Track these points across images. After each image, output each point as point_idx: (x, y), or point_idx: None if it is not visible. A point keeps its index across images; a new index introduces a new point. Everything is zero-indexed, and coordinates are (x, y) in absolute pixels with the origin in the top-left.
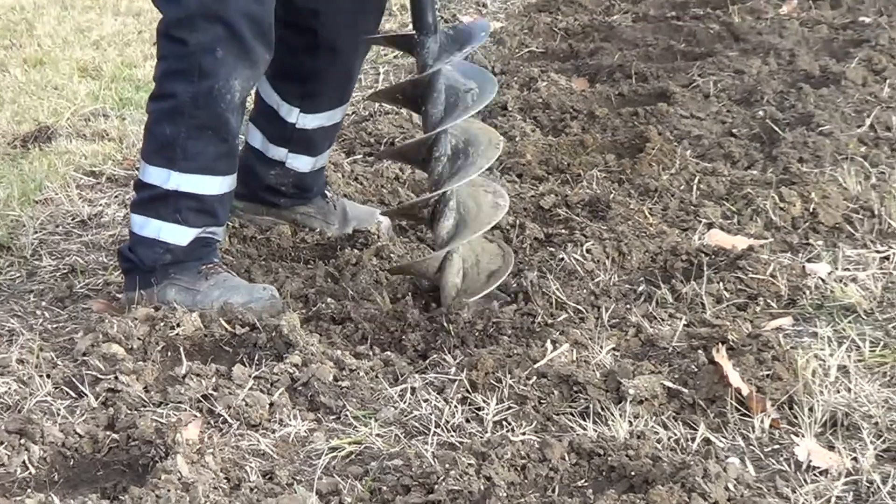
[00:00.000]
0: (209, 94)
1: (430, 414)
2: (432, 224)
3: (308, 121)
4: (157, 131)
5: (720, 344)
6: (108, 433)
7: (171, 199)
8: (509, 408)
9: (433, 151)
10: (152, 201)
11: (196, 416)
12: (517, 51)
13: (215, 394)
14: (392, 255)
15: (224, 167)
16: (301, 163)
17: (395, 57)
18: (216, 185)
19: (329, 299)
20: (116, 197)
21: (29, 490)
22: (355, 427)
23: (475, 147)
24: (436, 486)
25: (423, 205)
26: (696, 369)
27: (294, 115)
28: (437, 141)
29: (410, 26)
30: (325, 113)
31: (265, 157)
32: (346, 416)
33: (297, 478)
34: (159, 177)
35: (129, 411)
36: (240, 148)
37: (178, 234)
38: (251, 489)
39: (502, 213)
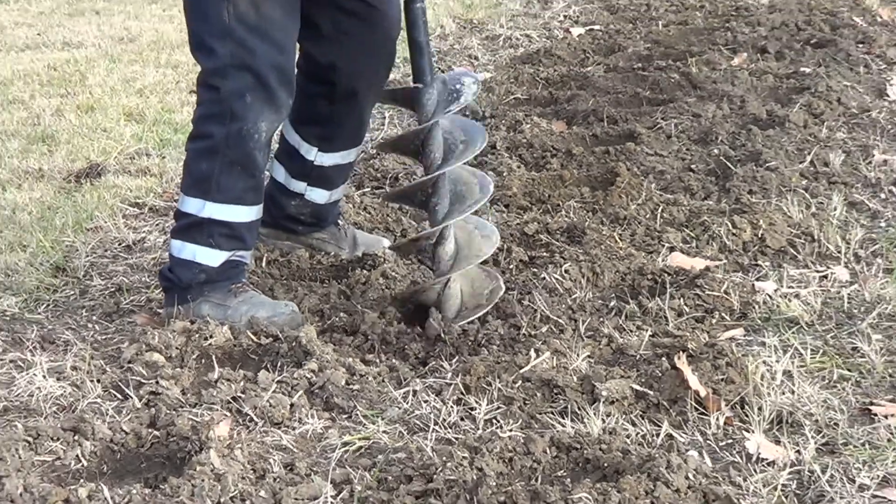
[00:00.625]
0: (239, 134)
1: (430, 413)
2: (434, 255)
3: (325, 159)
4: (195, 167)
5: (681, 352)
6: (150, 430)
7: (205, 226)
8: (498, 408)
9: (432, 193)
10: (189, 228)
11: (226, 415)
12: (504, 97)
13: (243, 396)
14: (396, 275)
15: (252, 198)
16: (318, 195)
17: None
18: (245, 213)
19: (342, 314)
20: (157, 225)
21: (81, 480)
22: (364, 425)
23: (469, 189)
24: (434, 476)
25: (427, 238)
26: (660, 374)
27: (313, 154)
28: (437, 184)
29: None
30: (340, 153)
31: (287, 189)
32: (357, 415)
33: (314, 469)
34: (195, 207)
35: (168, 411)
36: (265, 181)
37: (212, 257)
38: (274, 479)
39: (494, 247)
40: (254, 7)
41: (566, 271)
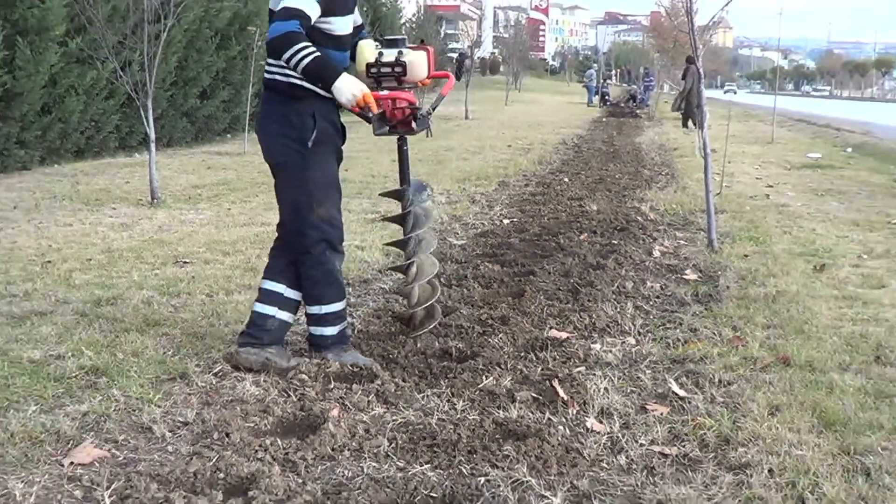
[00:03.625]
0: (328, 271)
1: (434, 406)
2: (406, 273)
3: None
4: (312, 293)
5: (555, 378)
6: (300, 412)
7: (325, 317)
8: (468, 404)
9: (408, 242)
10: (318, 319)
11: (337, 405)
12: (471, 253)
13: (345, 396)
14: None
15: (343, 295)
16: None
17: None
18: (343, 304)
19: (391, 357)
20: None
21: (267, 436)
22: (403, 411)
23: (428, 242)
24: (436, 436)
25: (404, 267)
26: (545, 388)
27: None
28: (410, 239)
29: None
30: None
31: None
32: (400, 406)
33: (379, 432)
34: (316, 308)
35: (309, 402)
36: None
37: (332, 330)
38: (359, 436)
39: (437, 269)
40: (327, 212)
41: (501, 337)
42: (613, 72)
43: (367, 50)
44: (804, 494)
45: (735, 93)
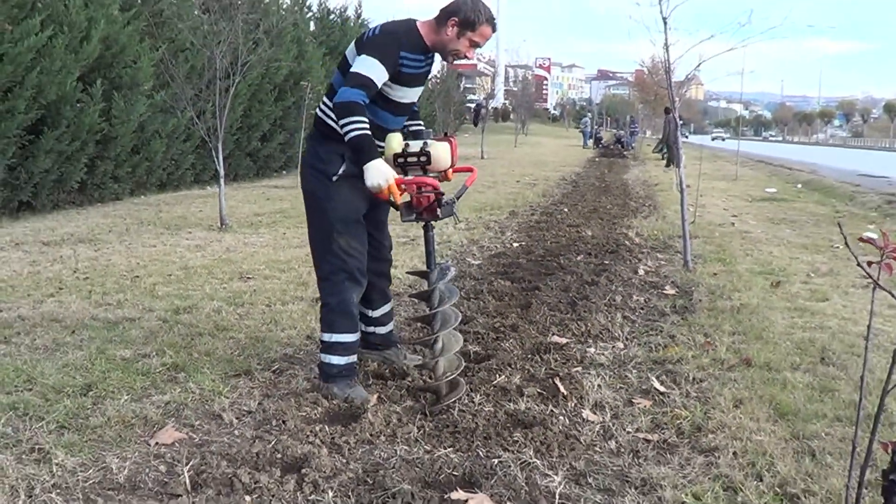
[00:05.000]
0: (343, 301)
1: (457, 400)
2: (432, 349)
3: (377, 312)
4: (325, 319)
5: (557, 377)
6: (344, 403)
7: (334, 346)
8: (488, 392)
9: (434, 318)
10: (327, 347)
11: (374, 397)
12: (486, 271)
13: (382, 390)
14: (414, 371)
15: (354, 328)
16: (383, 330)
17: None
18: (353, 337)
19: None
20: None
21: (317, 423)
22: (429, 403)
23: (452, 318)
24: (457, 425)
25: (432, 341)
26: (548, 385)
27: (370, 311)
28: (436, 315)
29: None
30: (382, 307)
31: (365, 331)
32: (426, 399)
33: (409, 423)
34: (327, 336)
35: (357, 405)
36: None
37: (340, 360)
38: (392, 424)
39: (460, 345)
40: (347, 243)
41: (511, 342)
42: (605, 119)
43: (395, 141)
44: (762, 472)
45: (724, 139)
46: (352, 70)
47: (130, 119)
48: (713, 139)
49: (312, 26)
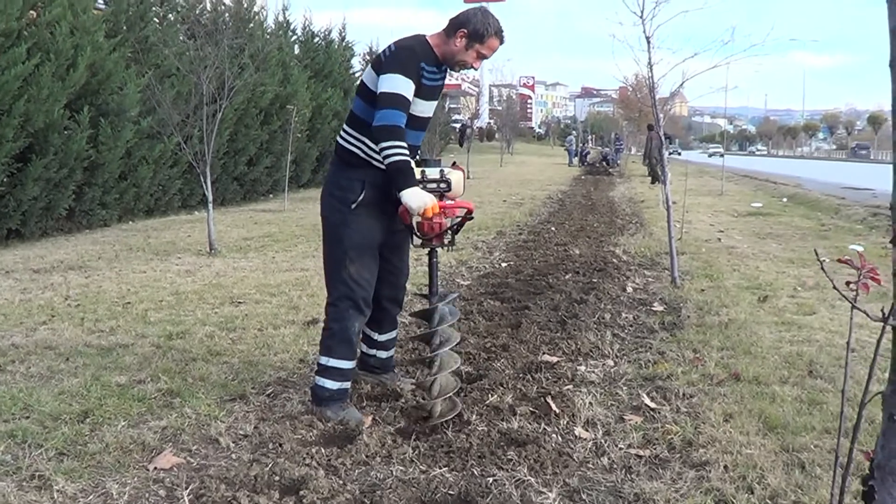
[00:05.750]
0: (344, 328)
1: (451, 420)
2: (430, 367)
3: (383, 337)
4: (325, 343)
5: (549, 395)
6: (341, 427)
7: (330, 371)
8: (482, 411)
9: (433, 336)
10: (323, 370)
11: (369, 418)
12: (475, 292)
13: (376, 412)
14: (410, 396)
15: (351, 356)
16: (384, 355)
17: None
18: (350, 364)
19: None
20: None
21: (313, 445)
22: (423, 423)
23: (451, 337)
24: (451, 445)
25: (429, 360)
26: (540, 403)
27: (376, 335)
28: (435, 332)
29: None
30: (388, 333)
31: (366, 353)
32: (420, 419)
33: (404, 443)
34: (325, 360)
35: (352, 427)
36: (359, 349)
37: (332, 385)
38: (386, 444)
39: (458, 364)
40: (357, 272)
41: (502, 362)
42: (590, 137)
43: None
44: (752, 485)
45: (722, 156)
46: (381, 91)
47: (118, 145)
48: (710, 155)
49: (297, 49)
